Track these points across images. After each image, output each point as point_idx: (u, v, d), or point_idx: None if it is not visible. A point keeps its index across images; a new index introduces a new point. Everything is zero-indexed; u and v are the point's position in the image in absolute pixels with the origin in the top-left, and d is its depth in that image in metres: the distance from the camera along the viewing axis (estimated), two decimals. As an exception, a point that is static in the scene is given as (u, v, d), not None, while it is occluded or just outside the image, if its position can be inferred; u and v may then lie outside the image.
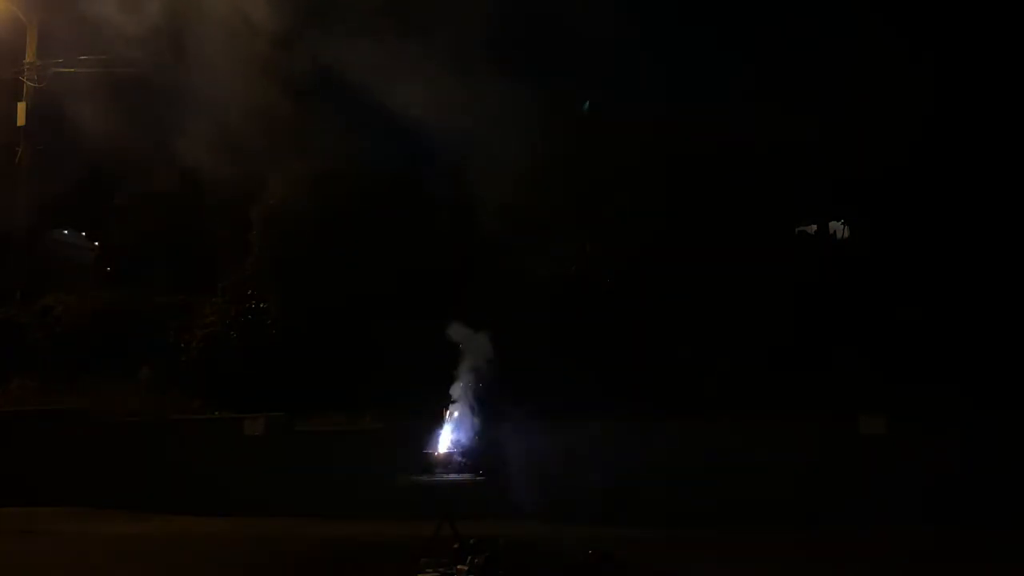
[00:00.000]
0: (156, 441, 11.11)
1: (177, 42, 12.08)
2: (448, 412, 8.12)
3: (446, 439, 7.92)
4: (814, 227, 12.48)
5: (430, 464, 7.62)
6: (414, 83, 10.76)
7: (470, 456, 7.87)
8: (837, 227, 12.36)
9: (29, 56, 15.61)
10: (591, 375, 9.90)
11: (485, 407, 8.25)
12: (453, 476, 7.51)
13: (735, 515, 9.25)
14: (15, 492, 10.77)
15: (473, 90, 10.38)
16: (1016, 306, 10.05)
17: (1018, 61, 10.21)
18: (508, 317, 9.46)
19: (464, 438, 8.00)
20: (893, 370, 9.93)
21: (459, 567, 6.86)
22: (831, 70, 10.62)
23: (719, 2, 11.65)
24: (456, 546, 7.31)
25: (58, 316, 13.42)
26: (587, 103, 11.87)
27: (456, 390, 8.26)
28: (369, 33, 10.92)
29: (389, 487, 8.72)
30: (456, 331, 8.61)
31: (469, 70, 10.37)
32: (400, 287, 11.16)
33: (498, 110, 10.47)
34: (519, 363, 9.16)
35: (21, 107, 15.66)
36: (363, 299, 11.27)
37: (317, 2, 11.56)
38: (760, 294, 10.54)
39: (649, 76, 11.20)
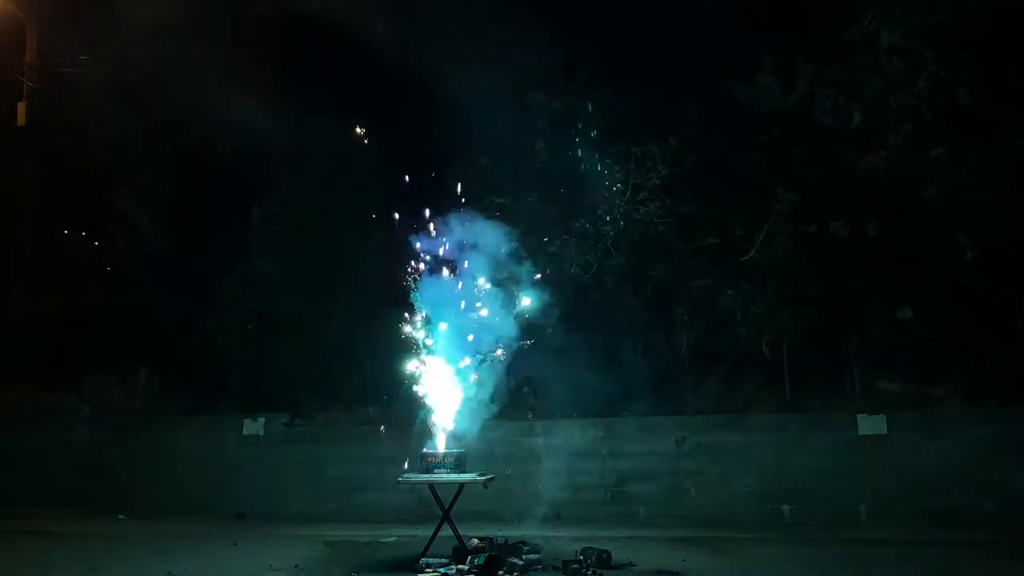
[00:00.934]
0: (155, 441, 11.11)
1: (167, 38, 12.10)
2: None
3: (445, 435, 7.88)
4: (814, 227, 12.45)
5: (430, 463, 7.60)
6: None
7: (466, 453, 7.84)
8: (838, 227, 12.33)
9: (29, 56, 15.60)
10: (590, 375, 9.91)
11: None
12: (454, 476, 7.49)
13: (734, 515, 9.27)
14: (13, 493, 10.76)
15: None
16: (1016, 305, 10.06)
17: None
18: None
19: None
20: (893, 370, 9.96)
21: (459, 567, 6.87)
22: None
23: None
24: (456, 546, 7.32)
25: (58, 316, 13.43)
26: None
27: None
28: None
29: (389, 486, 8.72)
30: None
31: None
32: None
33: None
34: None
35: (21, 107, 15.64)
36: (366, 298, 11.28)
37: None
38: (759, 293, 10.57)
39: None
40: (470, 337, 7.63)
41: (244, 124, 11.71)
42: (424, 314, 7.67)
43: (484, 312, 7.68)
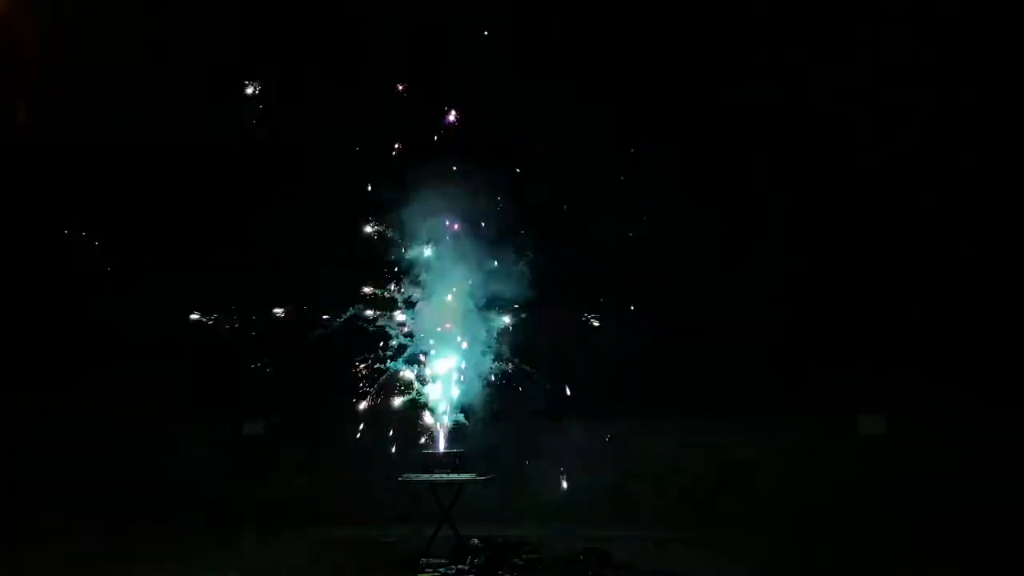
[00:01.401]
0: (155, 441, 11.11)
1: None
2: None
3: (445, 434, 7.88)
4: (814, 227, 12.46)
5: (430, 463, 7.61)
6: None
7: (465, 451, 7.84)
8: (836, 228, 12.33)
9: (29, 56, 15.59)
10: (590, 374, 9.90)
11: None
12: (454, 476, 7.50)
13: (734, 515, 9.27)
14: (12, 494, 10.75)
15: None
16: (1017, 303, 10.05)
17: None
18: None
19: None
20: (893, 370, 9.95)
21: (459, 567, 6.87)
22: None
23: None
24: (456, 546, 7.32)
25: (58, 316, 13.41)
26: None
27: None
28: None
29: (389, 487, 8.72)
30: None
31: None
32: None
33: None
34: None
35: (21, 107, 15.62)
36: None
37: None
38: (758, 292, 10.56)
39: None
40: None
41: (244, 122, 11.71)
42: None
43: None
